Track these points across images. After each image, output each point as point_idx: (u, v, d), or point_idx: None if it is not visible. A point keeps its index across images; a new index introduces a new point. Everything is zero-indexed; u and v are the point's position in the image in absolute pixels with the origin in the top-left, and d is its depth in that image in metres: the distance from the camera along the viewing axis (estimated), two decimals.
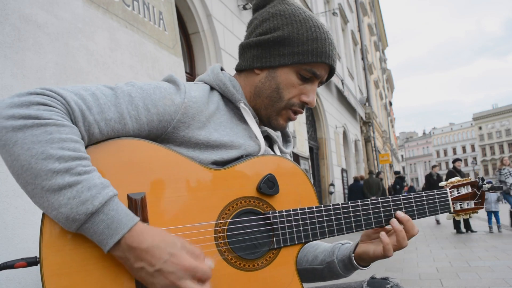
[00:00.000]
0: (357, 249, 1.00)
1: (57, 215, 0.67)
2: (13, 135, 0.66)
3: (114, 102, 0.79)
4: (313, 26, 0.95)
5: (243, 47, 1.01)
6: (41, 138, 0.66)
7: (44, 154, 0.66)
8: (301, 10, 0.97)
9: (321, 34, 0.95)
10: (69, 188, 0.66)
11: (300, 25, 0.94)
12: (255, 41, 0.97)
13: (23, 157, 0.65)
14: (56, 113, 0.70)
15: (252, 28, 1.01)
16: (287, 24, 0.94)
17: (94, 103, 0.76)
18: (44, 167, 0.65)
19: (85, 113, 0.74)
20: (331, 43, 0.96)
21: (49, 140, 0.67)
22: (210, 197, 0.83)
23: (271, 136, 1.04)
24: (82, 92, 0.76)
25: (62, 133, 0.68)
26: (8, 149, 0.66)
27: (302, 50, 0.93)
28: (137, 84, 0.84)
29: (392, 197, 0.98)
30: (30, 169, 0.66)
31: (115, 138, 0.79)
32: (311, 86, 0.97)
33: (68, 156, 0.67)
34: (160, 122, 0.84)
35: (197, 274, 0.70)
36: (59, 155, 0.66)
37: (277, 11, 0.96)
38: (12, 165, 0.67)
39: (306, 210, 0.90)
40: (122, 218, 0.69)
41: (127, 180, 0.76)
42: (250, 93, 0.99)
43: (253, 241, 0.85)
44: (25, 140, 0.66)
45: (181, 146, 0.86)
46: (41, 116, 0.68)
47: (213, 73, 0.99)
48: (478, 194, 1.06)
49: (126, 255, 0.69)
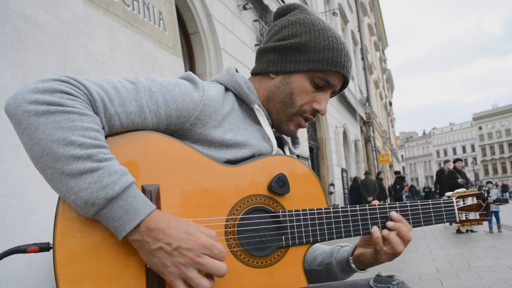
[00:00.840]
0: (355, 252, 1.01)
1: (76, 199, 0.68)
2: (36, 120, 0.67)
3: (135, 96, 0.81)
4: (331, 36, 0.96)
5: (261, 52, 1.03)
6: (63, 125, 0.68)
7: (66, 140, 0.67)
8: (320, 21, 0.99)
9: (338, 44, 0.96)
10: (90, 173, 0.68)
11: (318, 34, 0.96)
12: (272, 46, 0.99)
13: (44, 141, 0.67)
14: (79, 102, 0.72)
15: (272, 34, 1.03)
16: (305, 32, 0.96)
17: (116, 95, 0.78)
18: (65, 153, 0.67)
19: (107, 105, 0.76)
20: (347, 55, 0.98)
21: (71, 127, 0.68)
22: (222, 193, 0.84)
23: (282, 137, 1.06)
24: (104, 84, 0.78)
25: (84, 121, 0.70)
26: (29, 132, 0.68)
27: (318, 58, 0.94)
28: (157, 79, 0.86)
29: (399, 203, 0.99)
30: (51, 153, 0.67)
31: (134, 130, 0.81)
32: (323, 94, 0.99)
33: (90, 144, 0.69)
34: (178, 118, 0.85)
35: (214, 251, 0.71)
36: (80, 142, 0.68)
37: (296, 19, 0.99)
38: (32, 148, 0.68)
39: (315, 211, 0.91)
40: (140, 205, 0.70)
41: (143, 171, 0.78)
42: (263, 96, 1.01)
43: (262, 239, 0.87)
44: (47, 126, 0.67)
45: (197, 143, 0.88)
46: (65, 104, 0.69)
47: (228, 74, 1.01)
48: (484, 206, 1.08)
49: (144, 237, 0.70)
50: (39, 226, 2.19)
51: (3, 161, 2.09)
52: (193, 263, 0.70)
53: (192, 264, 0.70)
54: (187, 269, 0.70)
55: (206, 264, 0.70)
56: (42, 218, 2.22)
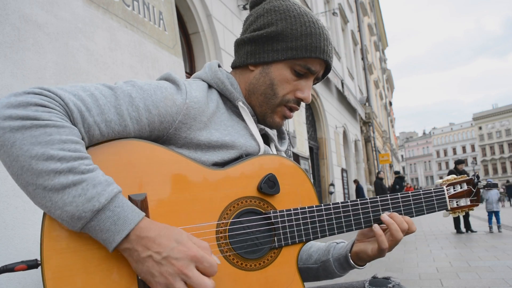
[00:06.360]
0: (353, 248, 0.99)
1: (61, 214, 0.66)
2: (11, 136, 0.64)
3: (114, 103, 0.77)
4: (308, 21, 0.94)
5: (238, 44, 1.01)
6: (41, 139, 0.65)
7: (44, 155, 0.65)
8: (296, 6, 0.96)
9: (316, 29, 0.94)
10: (74, 186, 0.66)
11: (294, 20, 0.93)
12: (249, 37, 0.97)
13: (22, 158, 0.64)
14: (55, 114, 0.69)
15: (247, 25, 1.00)
16: (281, 20, 0.93)
17: (94, 104, 0.74)
18: (45, 168, 0.64)
19: (85, 115, 0.73)
20: (326, 39, 0.95)
21: (49, 141, 0.66)
22: (211, 198, 0.83)
23: (268, 134, 1.03)
24: (80, 93, 0.74)
25: (62, 134, 0.67)
26: (6, 149, 0.65)
27: (295, 45, 0.92)
28: (137, 83, 0.82)
29: (390, 195, 0.98)
30: (31, 169, 0.64)
31: (116, 139, 0.78)
32: (306, 82, 0.96)
33: (70, 157, 0.66)
34: (161, 124, 0.82)
35: (204, 263, 0.69)
36: (60, 156, 0.65)
37: (271, 7, 0.96)
38: (11, 165, 0.65)
39: (307, 209, 0.90)
40: (128, 214, 0.69)
41: (129, 181, 0.75)
42: (245, 90, 0.98)
43: (255, 241, 0.86)
44: (24, 141, 0.64)
45: (183, 147, 0.85)
46: (40, 117, 0.66)
47: (210, 71, 0.98)
48: (474, 192, 1.09)
49: (134, 246, 0.68)
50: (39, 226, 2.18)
51: None
52: (180, 273, 0.67)
53: (179, 275, 0.67)
54: (174, 280, 0.67)
55: (192, 278, 0.68)
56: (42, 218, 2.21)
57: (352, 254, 0.99)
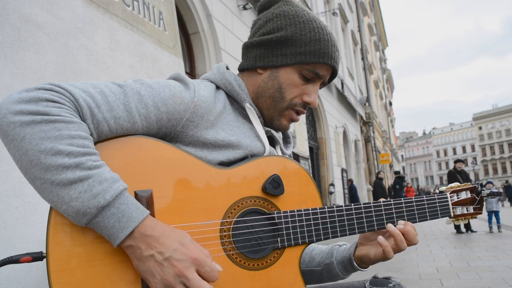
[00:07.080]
0: (357, 251, 1.00)
1: (67, 209, 0.67)
2: (21, 130, 0.66)
3: (123, 100, 0.78)
4: (317, 27, 0.95)
5: (246, 47, 1.02)
6: (50, 134, 0.66)
7: (53, 150, 0.66)
8: (305, 12, 0.98)
9: (324, 35, 0.95)
10: (80, 182, 0.67)
11: (303, 26, 0.94)
12: (258, 40, 0.98)
13: (31, 152, 0.66)
14: (65, 110, 0.70)
15: (256, 28, 1.01)
16: (290, 25, 0.95)
17: (103, 100, 0.76)
18: (54, 162, 0.66)
19: (94, 111, 0.74)
20: (334, 45, 0.97)
21: (58, 136, 0.67)
22: (216, 197, 0.83)
23: (274, 136, 1.04)
24: (90, 90, 0.76)
25: (71, 129, 0.69)
26: (16, 144, 0.66)
27: (304, 51, 0.93)
28: (146, 82, 0.84)
29: (393, 200, 0.99)
30: (39, 164, 0.66)
31: (124, 135, 0.79)
32: (313, 86, 0.98)
33: (78, 152, 0.67)
34: (169, 121, 0.83)
35: (205, 267, 0.70)
36: (68, 151, 0.67)
37: (281, 12, 0.97)
38: (20, 159, 0.67)
39: (310, 211, 0.91)
40: (132, 211, 0.69)
41: (135, 177, 0.76)
42: (253, 92, 1.00)
43: (258, 241, 0.86)
44: (33, 136, 0.66)
45: (190, 145, 0.86)
46: (50, 113, 0.68)
47: (219, 72, 0.99)
48: (477, 200, 1.08)
49: (138, 243, 0.69)
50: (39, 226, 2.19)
51: (3, 161, 2.09)
52: (180, 275, 0.68)
53: (180, 277, 0.68)
54: (175, 281, 0.68)
55: (191, 281, 0.68)
56: (42, 218, 2.22)
57: (355, 258, 0.99)
